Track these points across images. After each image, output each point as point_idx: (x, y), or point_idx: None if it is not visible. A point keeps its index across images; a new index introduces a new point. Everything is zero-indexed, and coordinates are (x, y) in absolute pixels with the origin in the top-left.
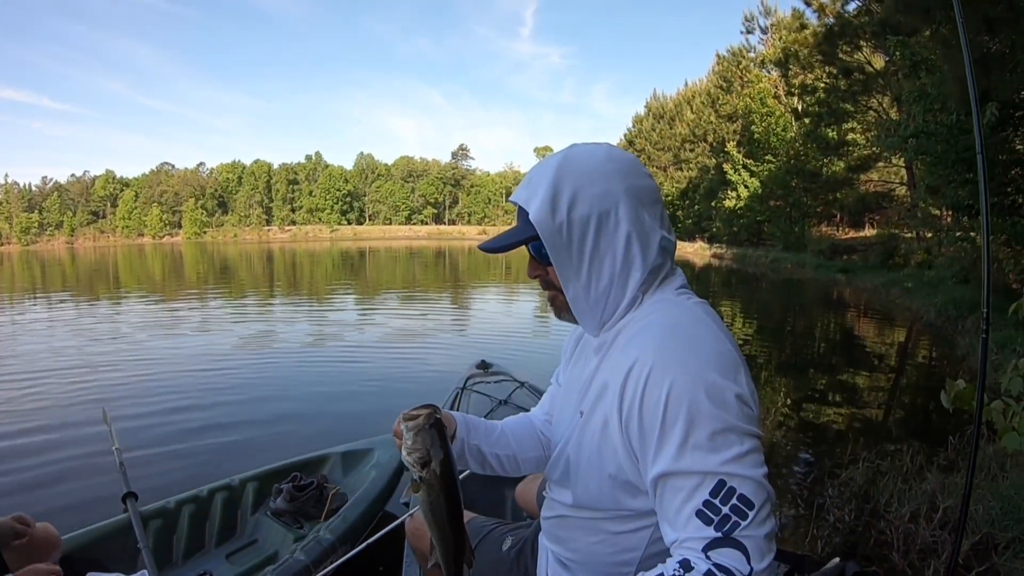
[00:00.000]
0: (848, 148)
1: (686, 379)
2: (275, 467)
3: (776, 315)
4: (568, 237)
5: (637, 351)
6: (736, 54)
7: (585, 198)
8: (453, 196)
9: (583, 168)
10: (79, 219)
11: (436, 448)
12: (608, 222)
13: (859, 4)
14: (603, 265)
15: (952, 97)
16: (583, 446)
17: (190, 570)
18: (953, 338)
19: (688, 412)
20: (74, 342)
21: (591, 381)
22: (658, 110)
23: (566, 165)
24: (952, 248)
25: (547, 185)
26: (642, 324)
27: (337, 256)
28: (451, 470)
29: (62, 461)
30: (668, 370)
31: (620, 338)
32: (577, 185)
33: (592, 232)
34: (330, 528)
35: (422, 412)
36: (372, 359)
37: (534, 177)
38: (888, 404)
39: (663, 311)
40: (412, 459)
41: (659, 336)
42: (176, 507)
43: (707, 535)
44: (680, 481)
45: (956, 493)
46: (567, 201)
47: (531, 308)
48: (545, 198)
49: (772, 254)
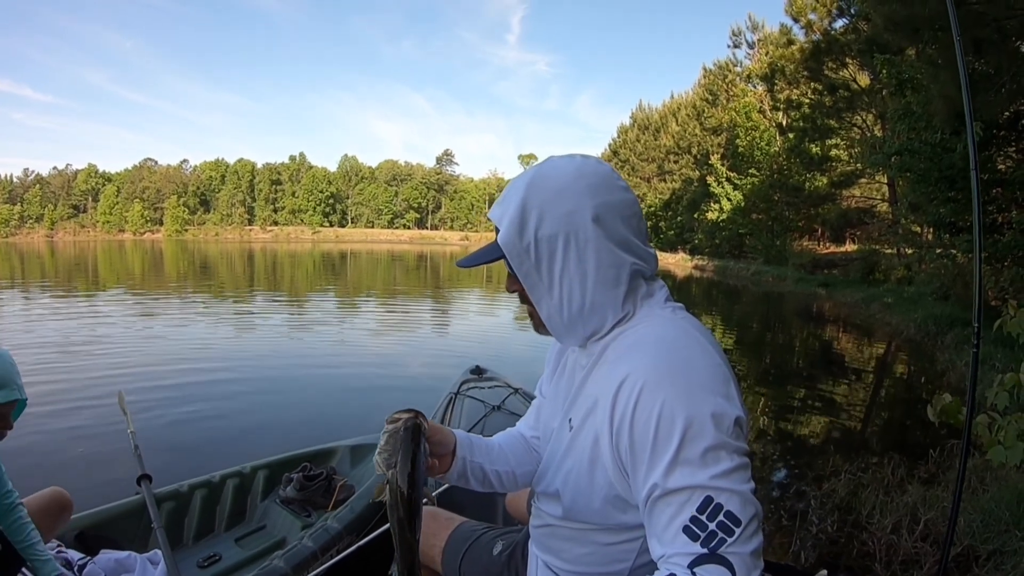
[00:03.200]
0: (831, 164)
1: (678, 396)
2: (286, 457)
3: (757, 327)
4: (536, 257)
5: (628, 367)
6: (722, 68)
7: (552, 217)
8: (436, 201)
9: (551, 185)
10: (60, 212)
11: (404, 453)
12: (577, 240)
13: (846, 22)
14: (574, 284)
15: (938, 115)
16: (572, 460)
17: (200, 551)
18: (933, 353)
19: (680, 430)
20: (87, 331)
21: (579, 394)
22: (643, 121)
23: (536, 182)
24: (932, 265)
25: (516, 205)
26: (632, 339)
27: (335, 257)
28: (415, 479)
29: (79, 441)
30: (660, 387)
31: (609, 352)
32: (544, 204)
33: (560, 251)
34: (337, 517)
35: (403, 416)
36: (378, 359)
37: (507, 195)
38: (868, 417)
39: (653, 326)
40: (379, 459)
41: (651, 352)
42: (189, 491)
43: (693, 551)
44: (669, 497)
45: (937, 506)
46: (534, 221)
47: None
48: (513, 218)
49: (753, 267)
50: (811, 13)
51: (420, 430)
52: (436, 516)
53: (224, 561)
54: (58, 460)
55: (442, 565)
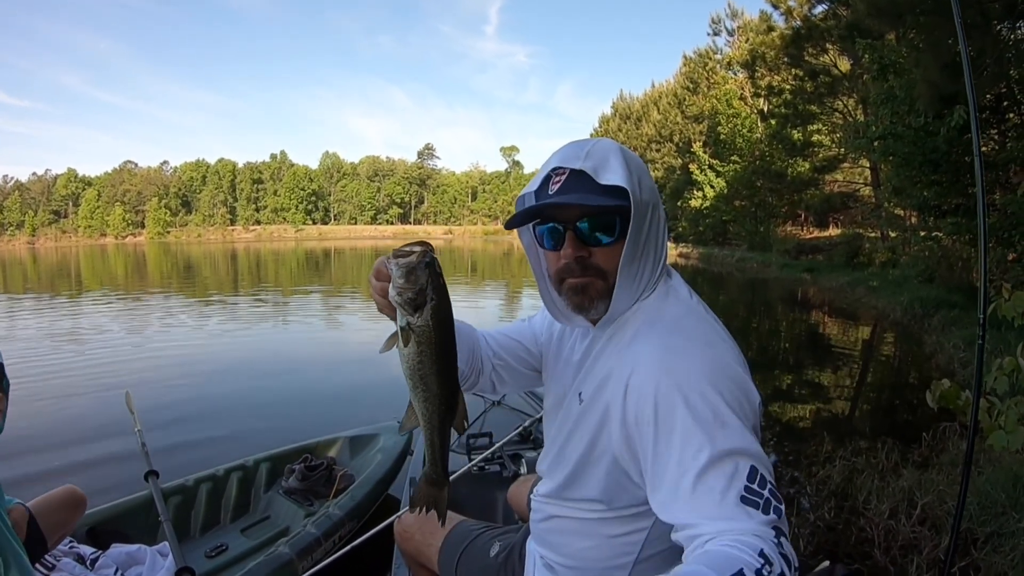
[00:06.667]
0: (813, 149)
1: (701, 379)
2: (287, 449)
3: (743, 314)
4: (646, 215)
5: (647, 347)
6: (703, 56)
7: (647, 186)
8: (419, 196)
9: (636, 159)
10: (40, 219)
11: (432, 288)
12: (658, 212)
13: (826, 7)
14: (650, 252)
15: (921, 99)
16: (581, 431)
17: (208, 542)
18: (920, 336)
19: (710, 405)
20: (86, 336)
21: (591, 369)
22: (625, 110)
23: (624, 151)
24: (917, 247)
25: (620, 163)
26: (647, 317)
27: (319, 255)
28: (447, 315)
29: (89, 440)
30: (679, 370)
31: (627, 329)
32: (640, 172)
33: (650, 217)
34: (339, 505)
35: (415, 248)
36: (373, 354)
37: (593, 151)
38: (859, 401)
39: (669, 305)
40: (402, 299)
41: (669, 333)
42: (195, 485)
43: (765, 520)
44: (713, 470)
45: (933, 489)
46: (637, 182)
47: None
48: (626, 175)
49: (738, 253)
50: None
51: (438, 263)
52: (433, 514)
53: (231, 551)
54: (70, 460)
55: (439, 565)
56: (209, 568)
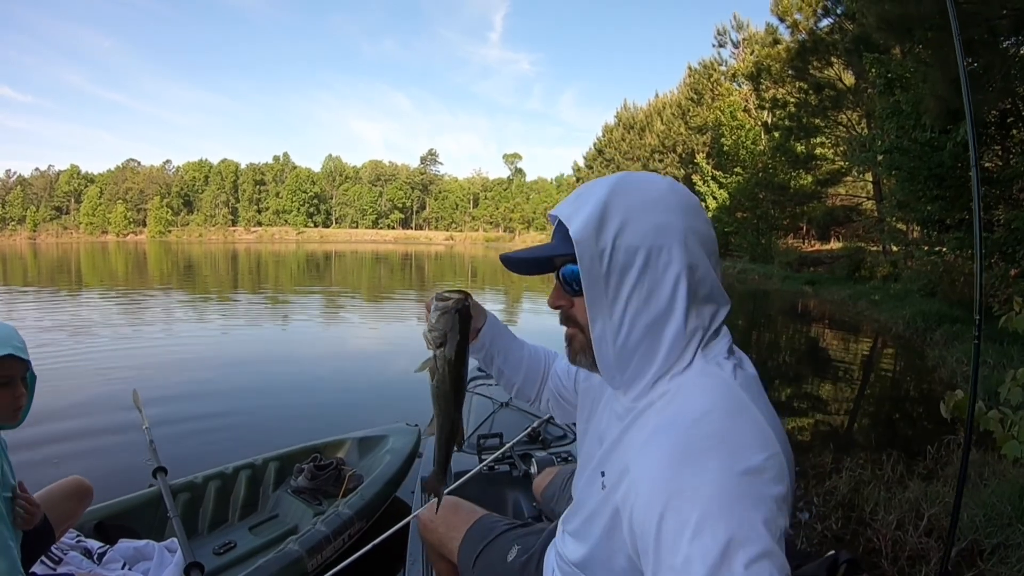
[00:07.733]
0: (817, 162)
1: (710, 503)
2: (296, 449)
3: (744, 325)
4: (609, 266)
5: (657, 455)
6: (707, 67)
7: (638, 227)
8: (421, 201)
9: (641, 194)
10: (42, 214)
11: (454, 333)
12: (659, 259)
13: (832, 21)
14: (641, 309)
15: (928, 114)
16: (599, 517)
17: (216, 539)
18: (922, 349)
19: (717, 535)
20: (94, 331)
21: (615, 448)
22: (628, 120)
23: (621, 187)
24: (919, 262)
25: (596, 203)
26: (674, 409)
27: (319, 258)
28: (462, 358)
29: (98, 437)
30: (686, 491)
31: (649, 418)
32: (631, 211)
33: (637, 266)
34: (348, 504)
35: (454, 296)
36: (382, 356)
37: (583, 193)
38: (863, 414)
39: (697, 395)
40: (431, 337)
41: (687, 440)
42: (203, 482)
43: None
44: None
45: (939, 501)
46: (615, 226)
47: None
48: (591, 216)
49: (739, 265)
50: (797, 13)
51: (469, 313)
52: (458, 507)
53: (239, 548)
54: (80, 457)
55: (459, 557)
56: (218, 564)
